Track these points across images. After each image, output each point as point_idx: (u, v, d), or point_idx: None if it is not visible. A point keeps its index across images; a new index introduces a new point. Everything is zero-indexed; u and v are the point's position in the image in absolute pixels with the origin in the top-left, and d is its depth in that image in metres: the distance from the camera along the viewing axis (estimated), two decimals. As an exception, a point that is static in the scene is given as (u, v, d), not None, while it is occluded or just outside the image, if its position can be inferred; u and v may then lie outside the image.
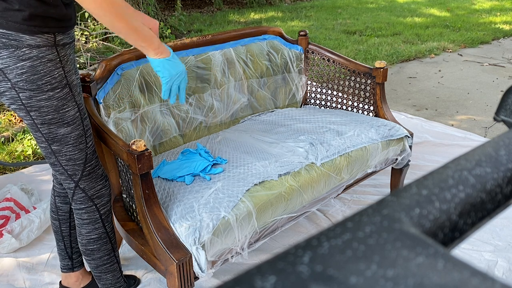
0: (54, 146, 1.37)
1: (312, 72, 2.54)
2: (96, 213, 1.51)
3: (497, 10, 7.91)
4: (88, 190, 1.48)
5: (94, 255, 1.56)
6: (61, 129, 1.35)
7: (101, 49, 5.01)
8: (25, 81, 1.25)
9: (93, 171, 1.47)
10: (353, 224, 0.27)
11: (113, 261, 1.61)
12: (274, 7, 8.61)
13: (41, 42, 1.25)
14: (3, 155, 2.84)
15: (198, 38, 2.16)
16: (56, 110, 1.32)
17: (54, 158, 1.39)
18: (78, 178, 1.45)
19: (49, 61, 1.28)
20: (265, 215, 1.60)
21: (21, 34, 1.21)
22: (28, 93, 1.27)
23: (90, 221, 1.52)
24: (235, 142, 2.03)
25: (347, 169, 1.91)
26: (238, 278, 0.23)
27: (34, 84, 1.26)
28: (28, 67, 1.24)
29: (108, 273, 1.61)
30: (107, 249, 1.58)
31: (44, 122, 1.32)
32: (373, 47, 5.48)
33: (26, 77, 1.25)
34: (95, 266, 1.59)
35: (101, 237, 1.55)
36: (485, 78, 4.46)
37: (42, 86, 1.28)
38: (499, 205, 0.32)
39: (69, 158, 1.40)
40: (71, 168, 1.42)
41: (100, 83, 1.77)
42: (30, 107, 1.29)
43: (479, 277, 0.23)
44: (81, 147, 1.41)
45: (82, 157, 1.42)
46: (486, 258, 1.95)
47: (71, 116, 1.36)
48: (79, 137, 1.39)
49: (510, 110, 0.43)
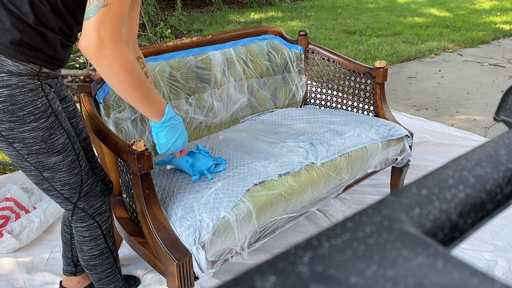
0: (46, 173, 1.27)
1: (312, 72, 2.54)
2: (98, 229, 1.46)
3: (497, 10, 7.91)
4: (88, 208, 1.41)
5: (96, 270, 1.52)
6: (52, 158, 1.25)
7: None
8: (4, 112, 1.13)
9: (90, 190, 1.40)
10: (353, 224, 0.27)
11: (115, 273, 1.57)
12: (274, 7, 8.61)
13: (23, 70, 1.14)
14: (3, 155, 2.84)
15: (198, 38, 2.16)
16: (44, 141, 1.21)
17: (48, 184, 1.30)
18: (76, 200, 1.37)
19: (30, 90, 1.15)
20: (265, 215, 1.60)
21: (3, 57, 1.10)
22: (8, 125, 1.15)
23: (91, 238, 1.46)
24: (235, 142, 2.03)
25: (347, 169, 1.91)
26: (238, 278, 0.23)
27: (14, 115, 1.14)
28: (6, 96, 1.12)
29: (110, 284, 1.57)
30: (110, 263, 1.53)
31: (31, 152, 1.21)
32: (373, 47, 5.48)
33: (4, 107, 1.12)
34: (97, 279, 1.54)
35: (103, 252, 1.50)
36: (485, 78, 4.46)
37: (24, 117, 1.15)
38: (499, 205, 0.32)
39: (64, 183, 1.31)
40: (67, 192, 1.34)
41: (100, 83, 1.77)
42: (12, 138, 1.17)
43: (479, 277, 0.23)
44: (76, 171, 1.32)
45: (78, 180, 1.34)
46: (486, 258, 1.95)
47: (61, 144, 1.26)
48: (72, 163, 1.31)
49: (510, 110, 0.43)
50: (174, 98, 2.04)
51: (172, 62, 2.05)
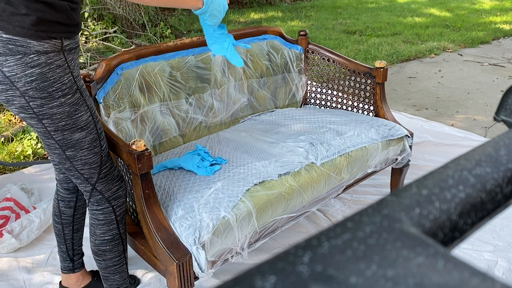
0: (69, 152, 1.34)
1: (312, 72, 2.54)
2: (112, 214, 1.50)
3: (497, 10, 7.91)
4: (105, 192, 1.46)
5: (105, 256, 1.55)
6: (75, 134, 1.33)
7: (101, 49, 5.01)
8: (35, 89, 1.22)
9: (109, 173, 1.45)
10: (353, 224, 0.27)
11: (122, 263, 1.59)
12: (274, 7, 8.61)
13: (49, 47, 1.22)
14: (3, 155, 2.84)
15: (198, 38, 2.16)
16: (69, 116, 1.30)
17: (69, 163, 1.37)
18: (95, 181, 1.43)
19: (57, 67, 1.25)
20: (265, 215, 1.60)
21: (28, 40, 1.18)
22: (39, 101, 1.24)
23: (105, 222, 1.50)
24: (235, 142, 2.03)
25: (347, 169, 1.91)
26: (238, 278, 0.23)
27: (45, 91, 1.23)
28: (37, 74, 1.21)
29: (116, 274, 1.59)
30: (119, 251, 1.56)
31: (57, 129, 1.29)
32: (373, 47, 5.48)
33: (36, 84, 1.22)
34: (105, 266, 1.57)
35: (114, 238, 1.53)
36: (485, 78, 4.46)
37: (53, 93, 1.25)
38: (499, 205, 0.32)
39: (84, 162, 1.38)
40: (87, 172, 1.40)
41: (100, 83, 1.77)
42: (42, 115, 1.26)
43: (479, 277, 0.23)
44: (96, 150, 1.39)
45: (98, 161, 1.40)
46: (486, 258, 1.95)
47: (84, 120, 1.34)
48: (94, 141, 1.37)
49: (510, 110, 0.43)
50: (174, 98, 2.04)
51: (172, 62, 2.05)
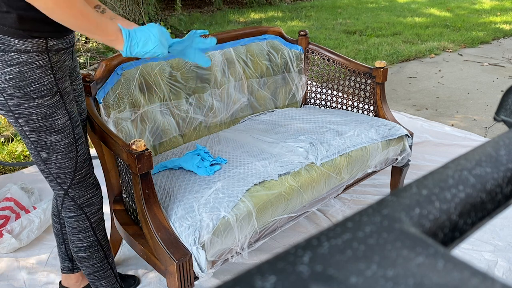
0: (43, 153, 1.33)
1: (312, 72, 2.54)
2: (86, 221, 1.49)
3: (497, 10, 7.91)
4: (78, 198, 1.45)
5: (86, 262, 1.55)
6: (50, 137, 1.31)
7: (101, 49, 5.01)
8: (13, 88, 1.21)
9: (83, 180, 1.44)
10: (353, 224, 0.27)
11: (106, 268, 1.59)
12: (274, 7, 8.61)
13: (30, 47, 1.20)
14: (3, 155, 2.84)
15: (198, 38, 2.16)
16: (45, 118, 1.28)
17: (43, 165, 1.37)
18: (68, 186, 1.42)
19: (38, 67, 1.22)
20: (265, 215, 1.60)
21: (10, 38, 1.17)
22: (16, 100, 1.23)
23: (80, 230, 1.50)
24: (235, 142, 2.03)
25: (347, 169, 1.91)
26: (238, 278, 0.23)
27: (22, 91, 1.22)
28: (16, 73, 1.19)
29: (101, 280, 1.60)
30: (99, 257, 1.56)
31: (32, 129, 1.28)
32: (373, 47, 5.48)
33: (14, 83, 1.20)
34: (88, 273, 1.58)
35: (92, 245, 1.53)
36: (485, 78, 4.46)
37: (30, 93, 1.23)
38: (499, 205, 0.32)
39: (58, 166, 1.37)
40: (61, 176, 1.39)
41: (100, 83, 1.77)
42: (18, 114, 1.25)
43: (479, 277, 0.23)
44: (71, 155, 1.38)
45: (72, 166, 1.39)
46: (486, 258, 1.95)
47: (61, 124, 1.32)
48: (69, 146, 1.36)
49: (510, 110, 0.43)
50: (174, 98, 2.04)
51: (172, 62, 2.05)
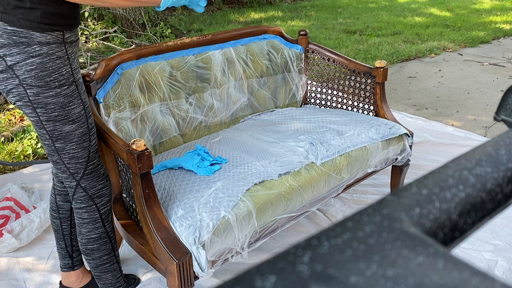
0: (58, 143, 1.38)
1: (312, 71, 2.54)
2: (96, 212, 1.52)
3: (498, 9, 7.90)
4: (89, 189, 1.48)
5: (94, 255, 1.57)
6: (66, 126, 1.36)
7: (101, 49, 5.01)
8: (34, 78, 1.28)
9: (94, 170, 1.48)
10: (353, 224, 0.27)
11: (112, 261, 1.61)
12: (274, 7, 8.61)
13: (51, 39, 1.28)
14: (3, 154, 2.84)
15: (198, 38, 2.16)
16: (62, 107, 1.34)
17: (57, 156, 1.40)
18: (80, 177, 1.45)
19: (58, 58, 1.30)
20: (265, 214, 1.60)
21: (32, 32, 1.24)
22: (36, 90, 1.29)
23: (90, 221, 1.52)
24: (235, 141, 2.03)
25: (347, 168, 1.91)
26: (238, 277, 0.23)
27: (42, 80, 1.29)
28: (37, 64, 1.27)
29: (108, 273, 1.61)
30: (107, 249, 1.58)
31: (49, 119, 1.34)
32: (373, 47, 5.48)
33: (35, 73, 1.27)
34: (94, 265, 1.59)
35: (101, 236, 1.55)
36: (485, 77, 4.46)
37: (50, 82, 1.30)
38: (499, 205, 0.32)
39: (72, 156, 1.41)
40: (73, 167, 1.43)
41: (100, 83, 1.77)
42: (36, 103, 1.31)
43: (479, 276, 0.23)
44: (85, 145, 1.42)
45: (85, 156, 1.43)
46: (486, 258, 1.95)
47: (77, 113, 1.38)
48: (83, 135, 1.41)
49: (510, 110, 0.43)
50: (174, 97, 2.04)
51: (172, 61, 2.05)
